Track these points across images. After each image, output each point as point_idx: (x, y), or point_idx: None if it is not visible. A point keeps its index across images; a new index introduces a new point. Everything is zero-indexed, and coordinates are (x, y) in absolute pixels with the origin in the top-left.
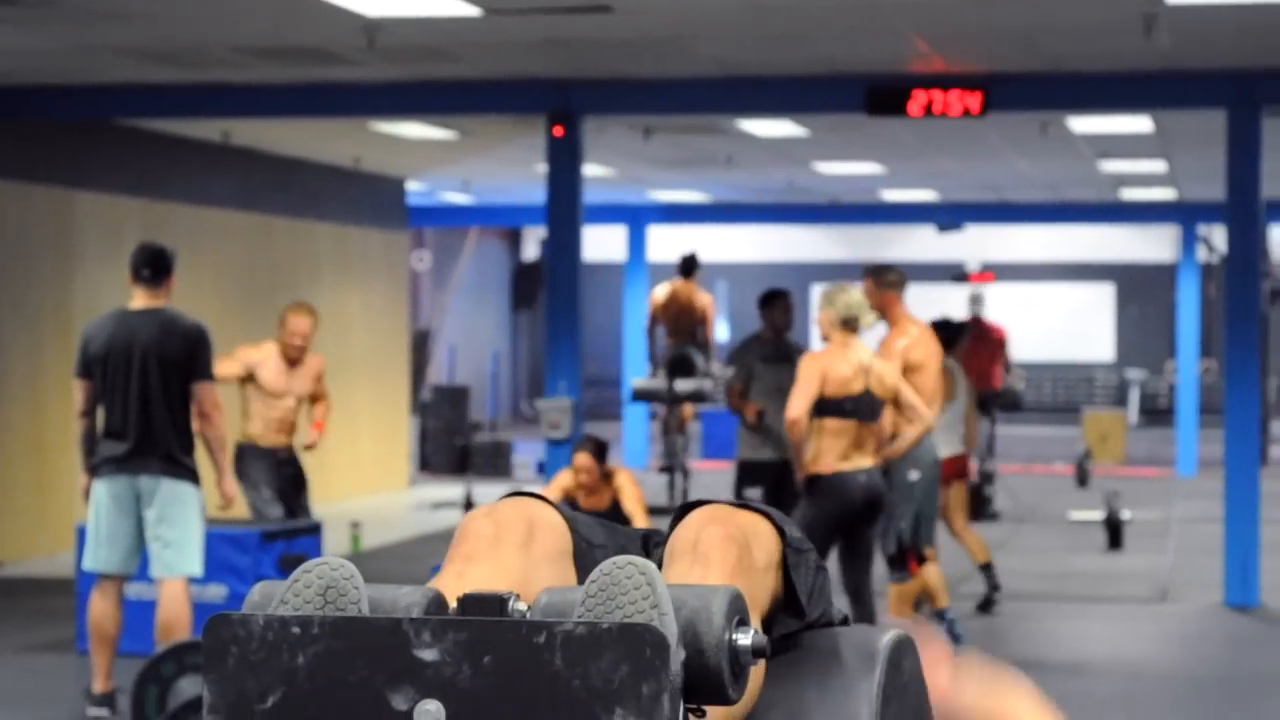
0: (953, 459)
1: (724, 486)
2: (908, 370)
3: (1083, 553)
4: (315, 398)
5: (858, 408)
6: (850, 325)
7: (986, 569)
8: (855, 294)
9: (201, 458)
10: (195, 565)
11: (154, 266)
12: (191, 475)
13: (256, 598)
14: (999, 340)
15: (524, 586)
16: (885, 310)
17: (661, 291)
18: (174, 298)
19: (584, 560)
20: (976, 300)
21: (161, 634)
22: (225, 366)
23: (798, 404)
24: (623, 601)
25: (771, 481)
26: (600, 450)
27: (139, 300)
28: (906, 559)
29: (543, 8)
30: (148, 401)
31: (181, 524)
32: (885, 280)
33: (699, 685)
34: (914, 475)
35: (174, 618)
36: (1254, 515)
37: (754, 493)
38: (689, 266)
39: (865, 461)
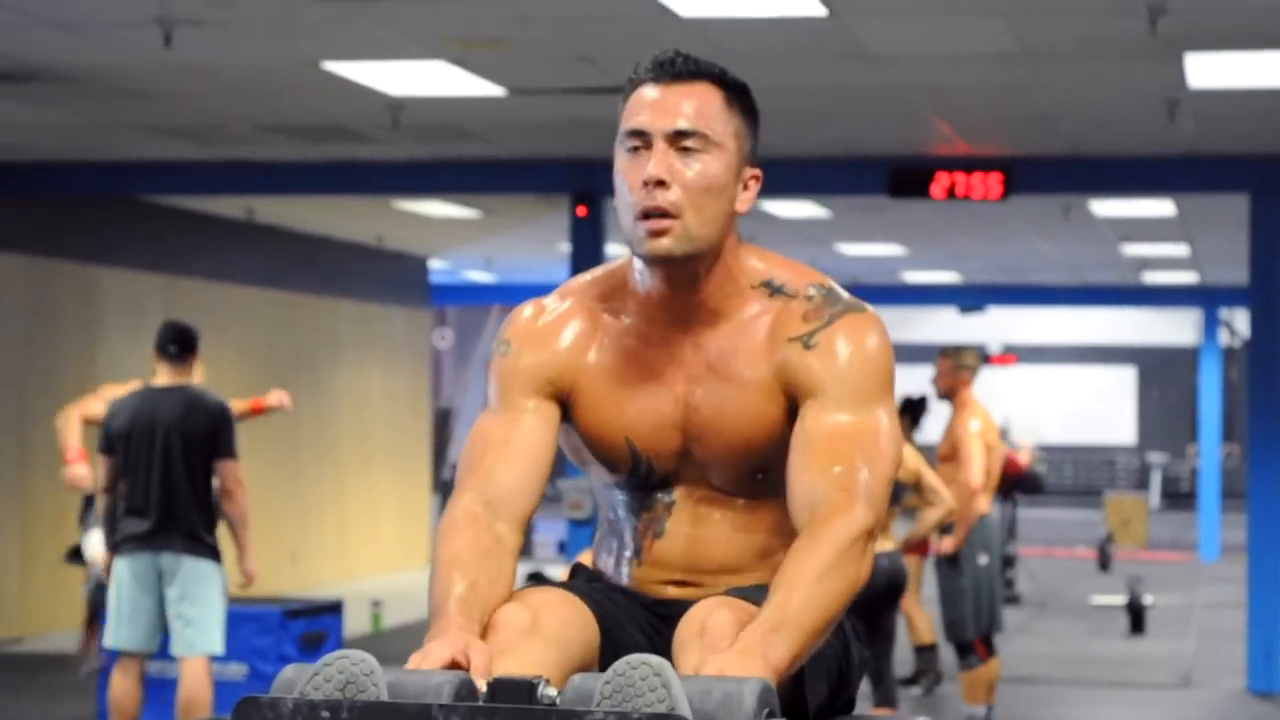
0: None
1: None
2: (986, 452)
3: (1105, 637)
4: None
5: None
6: None
7: (927, 651)
8: None
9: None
10: (217, 643)
11: (180, 343)
12: (213, 553)
13: (289, 675)
14: None
15: (555, 680)
16: (956, 392)
17: None
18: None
19: (609, 643)
20: None
21: (182, 713)
22: (91, 406)
23: None
24: (639, 705)
25: None
26: None
27: (163, 377)
28: (973, 645)
29: (566, 88)
30: (170, 479)
31: (203, 602)
32: (963, 363)
33: None
34: (984, 559)
35: (195, 696)
36: (1277, 600)
37: None
38: None
39: (886, 545)
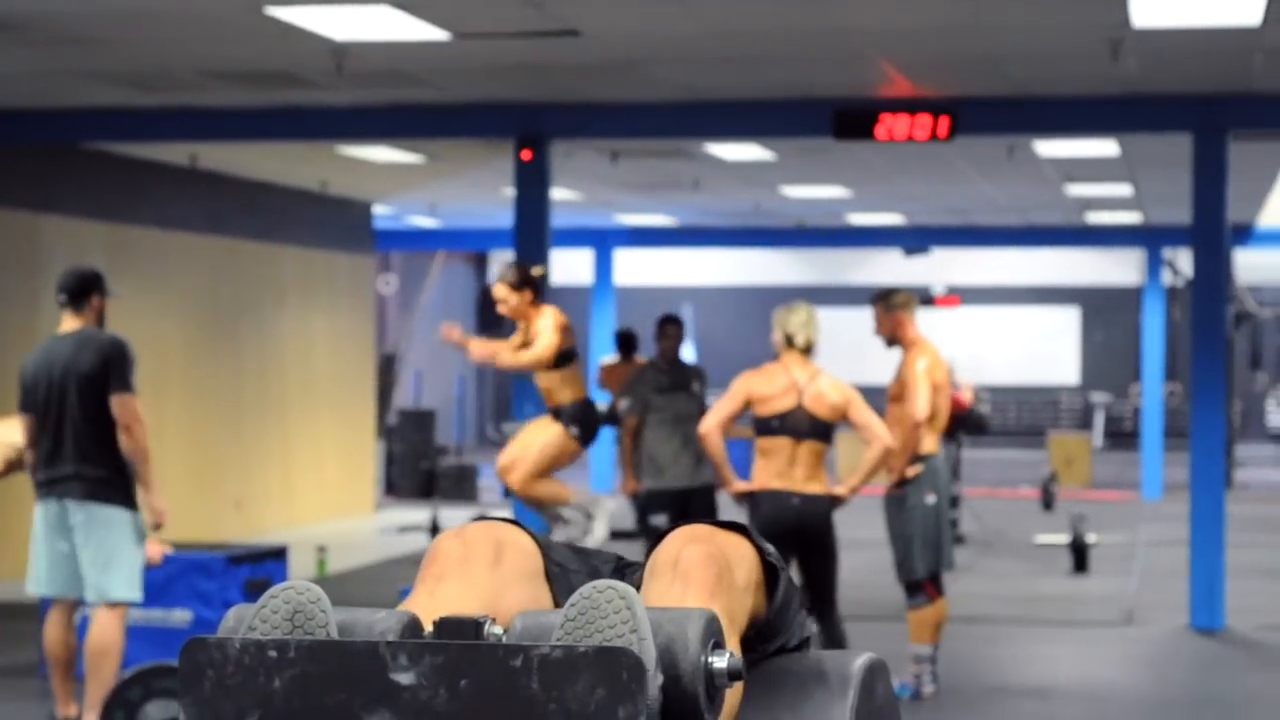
0: None
1: None
2: (934, 391)
3: (1048, 576)
4: None
5: (784, 426)
6: (791, 342)
7: None
8: (799, 314)
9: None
10: (124, 589)
11: (71, 290)
12: (119, 497)
13: (231, 622)
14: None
15: (494, 605)
16: (897, 333)
17: (609, 359)
18: (139, 320)
19: (559, 584)
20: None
21: (90, 661)
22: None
23: (709, 418)
24: (602, 625)
25: (676, 509)
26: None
27: (65, 325)
28: (923, 585)
29: (511, 32)
30: (71, 423)
31: (109, 547)
32: (892, 303)
33: (676, 709)
34: (931, 499)
35: (102, 644)
36: (1219, 538)
37: (660, 519)
38: (629, 345)
39: (798, 484)
